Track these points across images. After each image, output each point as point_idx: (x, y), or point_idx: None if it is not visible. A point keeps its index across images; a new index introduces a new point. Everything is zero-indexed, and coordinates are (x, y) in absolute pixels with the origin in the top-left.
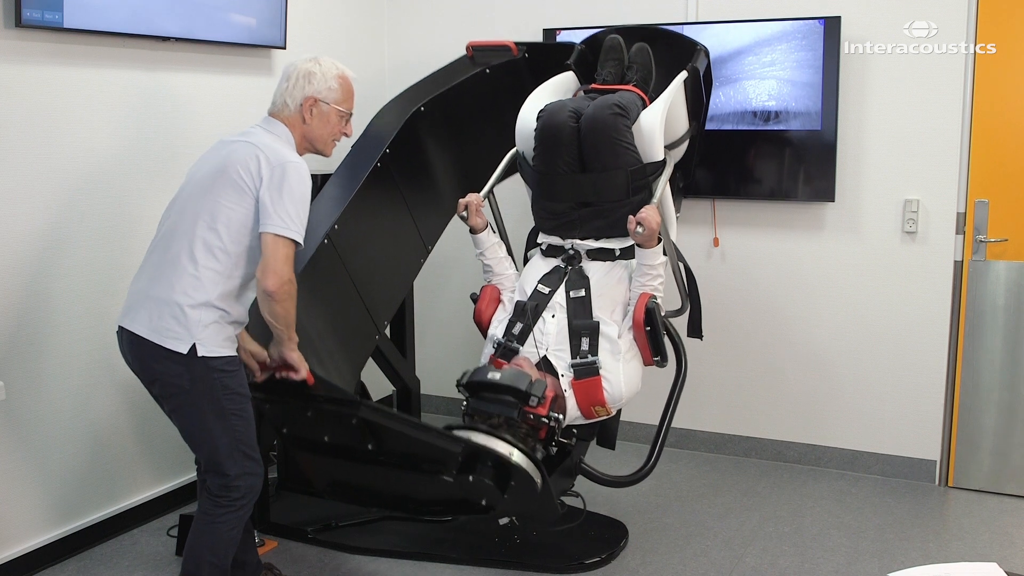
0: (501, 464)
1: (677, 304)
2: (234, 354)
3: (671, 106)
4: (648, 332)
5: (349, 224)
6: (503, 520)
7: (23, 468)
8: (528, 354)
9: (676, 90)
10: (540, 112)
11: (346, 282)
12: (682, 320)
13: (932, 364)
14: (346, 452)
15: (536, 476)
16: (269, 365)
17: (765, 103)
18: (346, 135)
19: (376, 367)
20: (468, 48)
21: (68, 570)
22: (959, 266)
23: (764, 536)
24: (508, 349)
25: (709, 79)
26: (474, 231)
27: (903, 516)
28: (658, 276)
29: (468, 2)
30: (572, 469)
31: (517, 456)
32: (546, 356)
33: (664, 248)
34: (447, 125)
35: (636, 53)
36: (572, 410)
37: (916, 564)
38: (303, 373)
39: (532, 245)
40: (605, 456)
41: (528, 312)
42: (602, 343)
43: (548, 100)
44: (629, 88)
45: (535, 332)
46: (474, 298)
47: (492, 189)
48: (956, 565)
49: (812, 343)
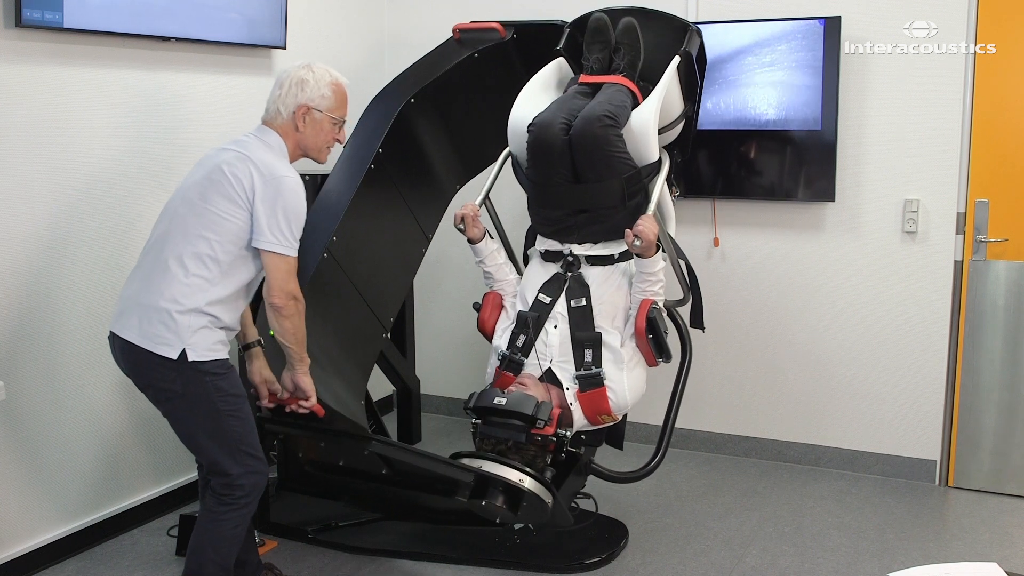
0: (511, 490)
1: (678, 295)
2: (225, 357)
3: (665, 94)
4: (651, 339)
5: (348, 231)
6: (518, 524)
7: (23, 468)
8: (532, 366)
9: (669, 80)
10: (530, 126)
11: (349, 290)
12: (684, 311)
13: (932, 364)
14: (362, 474)
15: (547, 498)
16: (280, 396)
17: (765, 103)
18: (339, 142)
19: (376, 367)
20: (455, 31)
21: (68, 570)
22: (959, 266)
23: (764, 536)
24: (513, 361)
25: (703, 58)
26: (472, 241)
27: (903, 516)
28: (658, 281)
29: (468, 2)
30: (583, 470)
31: (528, 483)
32: (550, 368)
33: (664, 248)
34: (439, 113)
35: (623, 32)
36: (579, 419)
37: (916, 564)
38: (313, 400)
39: (532, 243)
40: (608, 455)
41: (530, 324)
42: (605, 354)
43: (540, 98)
44: (617, 80)
45: (538, 344)
46: (476, 307)
47: (487, 194)
48: (956, 565)
49: (812, 343)
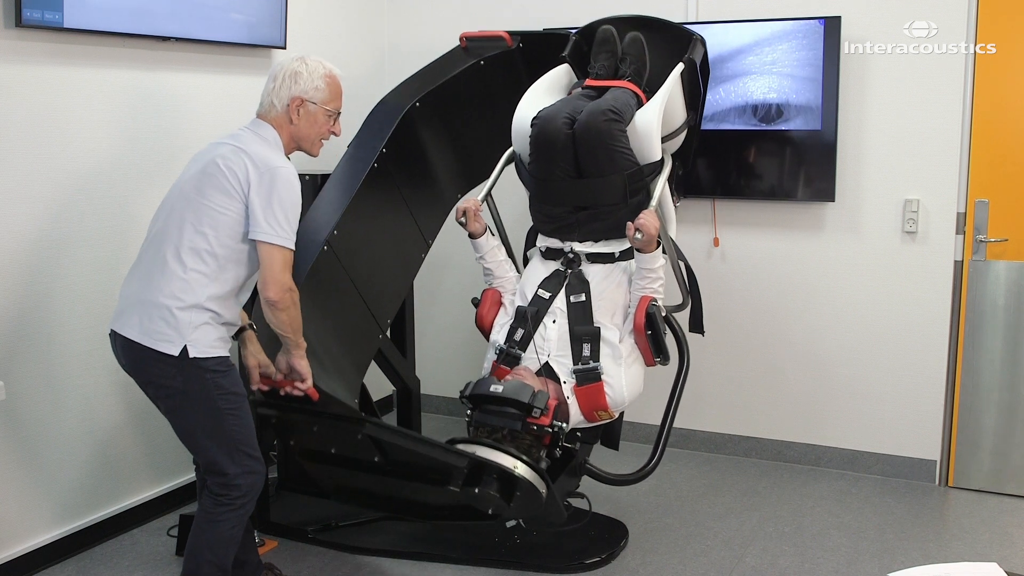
0: (506, 477)
1: (678, 300)
2: (226, 354)
3: (668, 99)
4: (649, 336)
5: (349, 227)
6: (510, 522)
7: (23, 468)
8: (530, 360)
9: (672, 85)
10: (534, 119)
11: (348, 286)
12: (683, 315)
13: (932, 364)
14: (353, 463)
15: (541, 487)
16: (274, 378)
17: (765, 103)
18: (334, 134)
19: (376, 367)
20: (462, 39)
21: (68, 570)
22: (959, 266)
23: (764, 536)
24: (510, 355)
25: (706, 68)
26: (473, 236)
27: (903, 516)
28: (658, 279)
29: (468, 2)
30: (577, 469)
31: (521, 469)
32: (548, 362)
33: (664, 247)
34: (443, 119)
35: (629, 44)
36: (575, 415)
37: (916, 564)
38: (309, 383)
39: (531, 244)
40: (607, 456)
41: (529, 318)
42: (603, 348)
43: (544, 100)
44: (623, 84)
45: (536, 338)
46: (475, 303)
47: (490, 191)
48: (956, 565)
49: (812, 343)
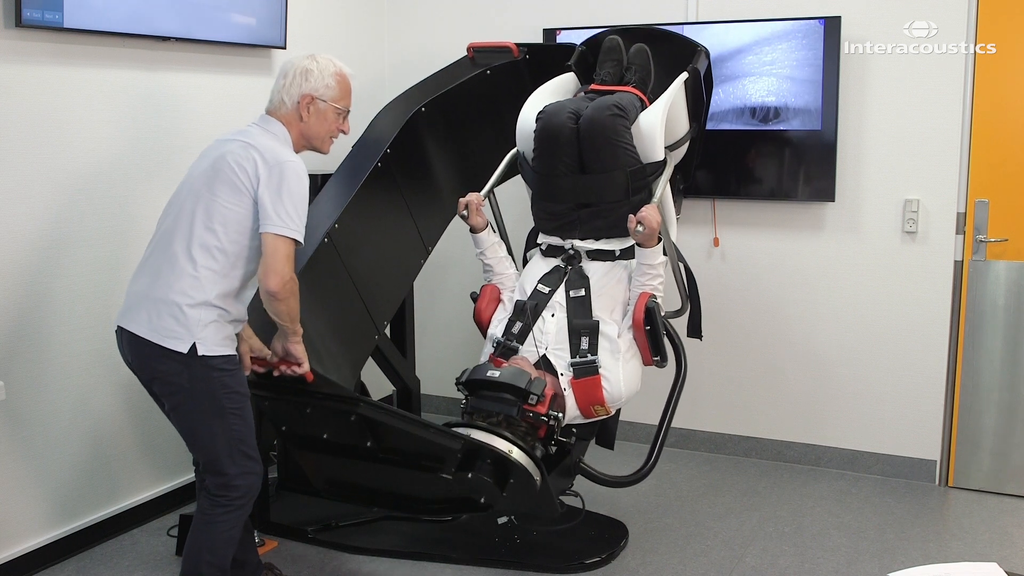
0: (500, 461)
1: (677, 305)
2: (234, 353)
3: (671, 107)
4: (648, 332)
5: (349, 224)
6: (502, 519)
7: (23, 468)
8: (527, 353)
9: (676, 91)
10: (539, 114)
11: (346, 282)
12: (681, 321)
13: (932, 364)
14: (345, 450)
15: (535, 473)
16: (270, 360)
17: (765, 103)
18: (344, 132)
19: (376, 367)
20: (469, 49)
21: (68, 570)
22: (959, 266)
23: (764, 536)
24: (507, 348)
25: (710, 80)
26: (474, 230)
27: (903, 516)
28: (658, 276)
29: (468, 2)
30: (571, 468)
31: (516, 453)
32: (545, 355)
33: (664, 248)
34: (448, 125)
35: (635, 54)
36: (571, 409)
37: (916, 564)
38: (305, 367)
39: (532, 245)
40: (605, 456)
41: (528, 311)
42: (601, 342)
43: (548, 101)
44: (628, 89)
45: (534, 331)
46: (474, 297)
47: (493, 189)
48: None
49: (812, 343)
